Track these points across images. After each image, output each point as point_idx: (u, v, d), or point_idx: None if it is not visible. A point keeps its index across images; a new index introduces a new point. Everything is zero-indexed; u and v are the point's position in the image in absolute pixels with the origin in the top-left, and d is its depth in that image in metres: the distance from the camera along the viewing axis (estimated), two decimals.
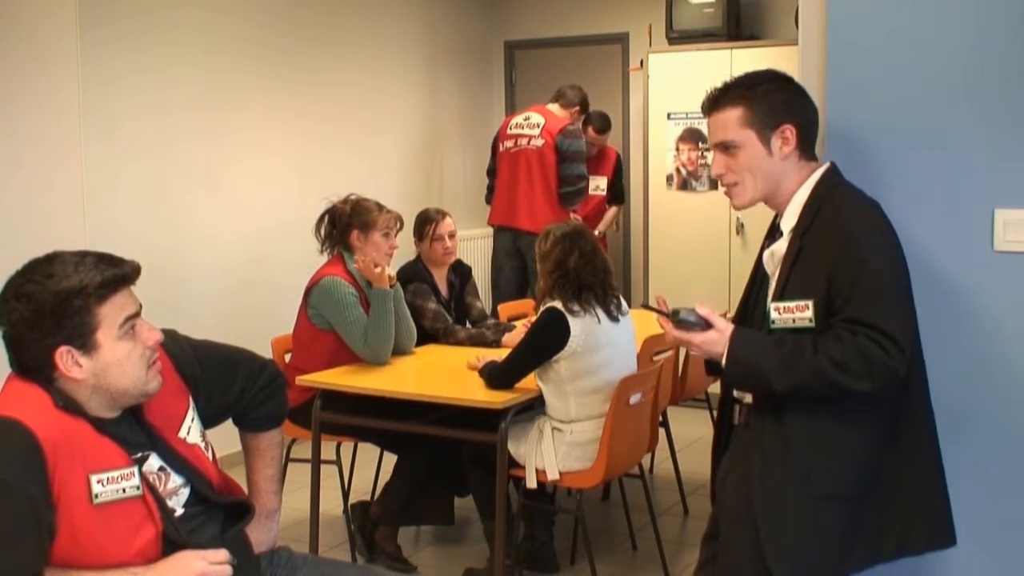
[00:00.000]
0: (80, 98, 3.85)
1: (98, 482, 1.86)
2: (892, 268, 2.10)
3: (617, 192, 6.63)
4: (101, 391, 1.93)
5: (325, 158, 5.85)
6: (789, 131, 2.19)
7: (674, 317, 2.19)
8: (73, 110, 3.85)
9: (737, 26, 6.46)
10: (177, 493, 2.04)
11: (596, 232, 6.33)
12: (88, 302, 1.88)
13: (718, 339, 2.14)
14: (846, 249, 2.08)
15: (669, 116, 6.36)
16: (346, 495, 4.25)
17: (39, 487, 1.80)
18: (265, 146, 5.47)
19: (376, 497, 4.17)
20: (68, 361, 1.89)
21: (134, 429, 2.01)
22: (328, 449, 3.98)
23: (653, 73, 6.46)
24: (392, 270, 4.01)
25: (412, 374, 3.92)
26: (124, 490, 1.89)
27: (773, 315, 2.15)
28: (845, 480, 2.13)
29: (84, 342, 1.89)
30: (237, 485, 2.24)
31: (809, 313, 2.10)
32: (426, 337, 4.22)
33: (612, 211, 6.63)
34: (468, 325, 4.47)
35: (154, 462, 2.01)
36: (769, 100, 2.20)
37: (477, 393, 3.46)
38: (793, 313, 2.12)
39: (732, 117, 2.20)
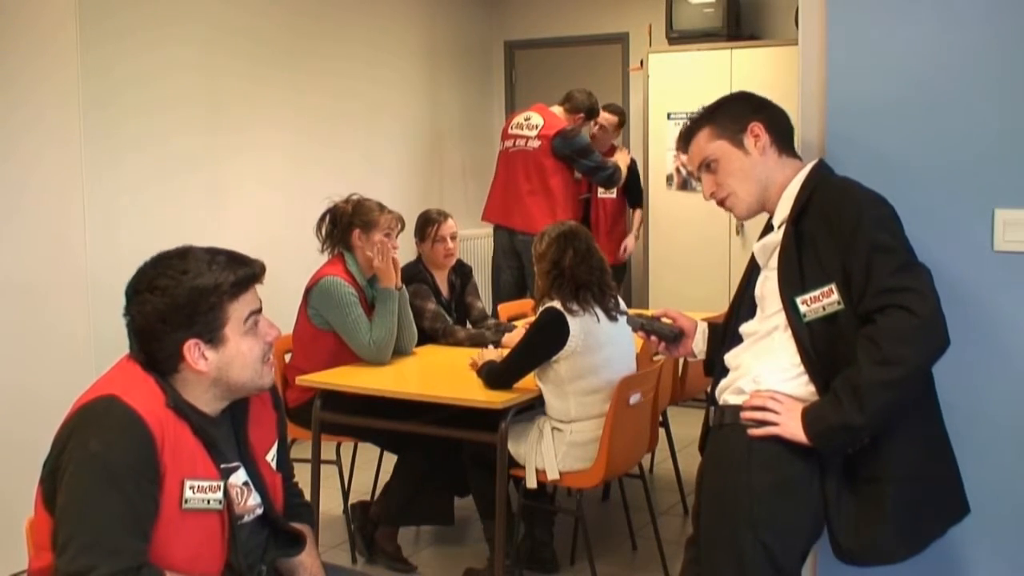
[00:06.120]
0: (80, 93, 3.84)
1: (190, 488, 1.90)
2: (900, 239, 2.14)
3: (633, 195, 6.43)
4: (221, 384, 1.98)
5: (325, 158, 5.85)
6: (757, 127, 2.28)
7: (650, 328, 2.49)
8: (74, 108, 3.84)
9: (737, 26, 6.46)
10: (253, 512, 2.07)
11: (626, 249, 6.34)
12: (221, 299, 1.94)
13: (793, 425, 2.13)
14: (853, 233, 2.10)
15: (669, 116, 6.36)
16: (346, 495, 4.25)
17: (153, 482, 1.84)
18: (265, 146, 5.47)
19: (376, 497, 4.17)
20: (196, 354, 1.93)
21: (229, 439, 2.05)
22: (328, 449, 3.98)
23: (653, 73, 6.47)
24: None
25: (412, 374, 3.92)
26: (208, 501, 1.93)
27: (803, 309, 2.16)
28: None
29: (213, 336, 1.94)
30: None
31: (835, 296, 2.12)
32: (426, 337, 4.23)
33: (637, 213, 6.45)
34: (468, 325, 4.48)
35: (240, 475, 2.05)
36: (729, 110, 2.33)
37: (477, 393, 3.46)
38: (821, 301, 2.14)
39: (702, 138, 2.34)
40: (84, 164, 3.90)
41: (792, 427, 2.12)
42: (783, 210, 2.25)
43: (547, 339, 3.43)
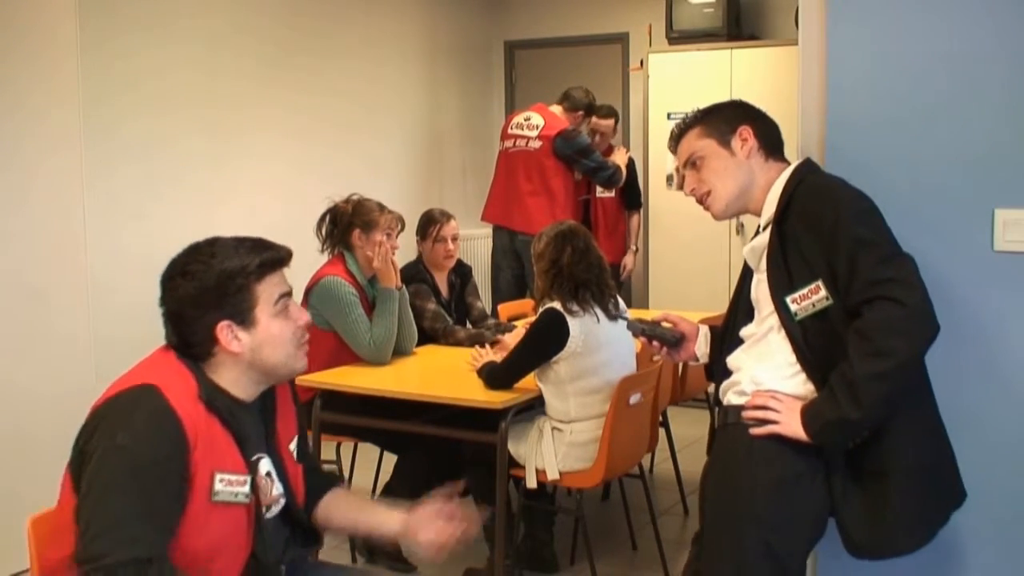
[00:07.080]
0: (80, 93, 3.85)
1: (220, 481, 1.92)
2: (882, 232, 2.15)
3: (632, 197, 6.37)
4: (255, 366, 2.01)
5: (324, 158, 5.85)
6: (746, 131, 2.32)
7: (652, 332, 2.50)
8: (74, 108, 3.85)
9: (737, 26, 6.47)
10: (277, 503, 2.09)
11: (631, 256, 6.35)
12: (248, 280, 1.99)
13: (793, 423, 2.15)
14: (834, 229, 2.12)
15: (669, 116, 6.36)
16: None
17: (182, 475, 1.86)
18: (265, 146, 5.47)
19: (376, 497, 4.17)
20: (229, 336, 1.97)
21: (258, 427, 2.07)
22: (328, 449, 3.98)
23: (653, 73, 6.47)
24: None
25: (412, 374, 3.92)
26: (236, 495, 1.95)
27: (793, 308, 2.17)
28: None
29: (244, 318, 1.99)
30: None
31: (823, 292, 2.13)
32: (426, 337, 4.23)
33: (634, 220, 6.41)
34: (468, 325, 4.48)
35: (265, 465, 2.07)
36: (722, 113, 2.38)
37: (477, 393, 3.46)
38: (810, 299, 2.15)
39: (692, 136, 2.38)
40: (84, 164, 3.90)
41: (792, 425, 2.13)
42: (768, 211, 2.27)
43: (547, 340, 3.43)
